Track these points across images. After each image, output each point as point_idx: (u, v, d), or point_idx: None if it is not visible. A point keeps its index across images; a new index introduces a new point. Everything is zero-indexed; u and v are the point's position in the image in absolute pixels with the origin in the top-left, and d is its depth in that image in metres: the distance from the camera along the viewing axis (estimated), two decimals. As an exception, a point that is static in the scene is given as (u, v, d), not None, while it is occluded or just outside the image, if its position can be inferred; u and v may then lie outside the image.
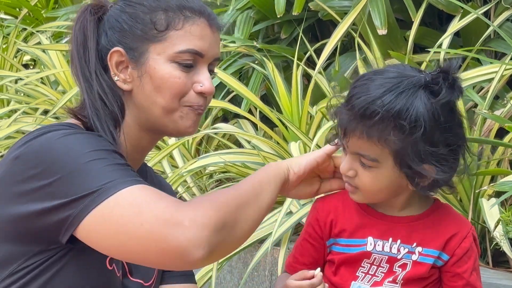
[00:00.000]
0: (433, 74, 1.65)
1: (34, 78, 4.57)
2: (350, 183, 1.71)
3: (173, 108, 1.66)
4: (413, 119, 1.61)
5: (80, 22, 1.70)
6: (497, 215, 2.70)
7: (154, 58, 1.65)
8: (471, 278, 1.73)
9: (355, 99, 1.64)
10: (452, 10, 3.53)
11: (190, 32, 1.66)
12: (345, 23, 3.50)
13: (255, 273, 3.31)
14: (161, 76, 1.65)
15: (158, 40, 1.65)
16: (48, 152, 1.53)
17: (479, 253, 1.76)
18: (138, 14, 1.67)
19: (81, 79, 1.68)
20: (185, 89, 1.66)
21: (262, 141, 3.56)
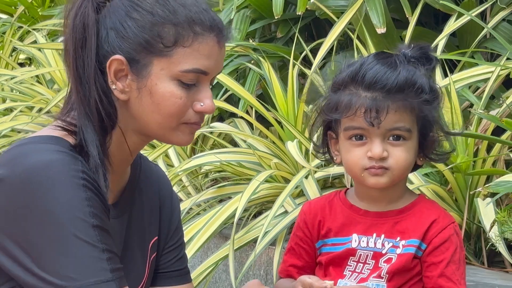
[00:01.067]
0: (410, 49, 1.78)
1: (29, 76, 4.57)
2: (383, 165, 1.72)
3: (170, 127, 1.60)
4: (430, 86, 1.75)
5: (80, 14, 1.58)
6: (493, 215, 2.70)
7: (157, 73, 1.57)
8: (446, 270, 1.72)
9: (382, 77, 1.71)
10: (448, 9, 3.53)
11: (198, 50, 1.57)
12: (341, 23, 3.50)
13: (250, 273, 3.31)
14: (162, 94, 1.57)
15: (163, 54, 1.56)
16: (33, 196, 1.49)
17: (462, 249, 1.76)
18: (145, 23, 1.56)
19: (75, 82, 1.59)
20: (185, 109, 1.59)
21: (258, 141, 3.55)
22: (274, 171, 3.31)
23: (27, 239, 1.50)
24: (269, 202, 3.35)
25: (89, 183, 1.53)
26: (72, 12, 1.59)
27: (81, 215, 1.50)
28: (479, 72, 3.19)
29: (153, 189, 1.77)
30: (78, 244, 1.49)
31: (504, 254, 2.67)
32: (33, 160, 1.51)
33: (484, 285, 2.61)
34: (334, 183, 3.30)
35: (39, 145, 1.55)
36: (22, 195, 1.50)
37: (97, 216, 1.52)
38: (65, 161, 1.52)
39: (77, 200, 1.50)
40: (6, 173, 1.52)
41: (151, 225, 1.76)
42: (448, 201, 2.97)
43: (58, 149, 1.54)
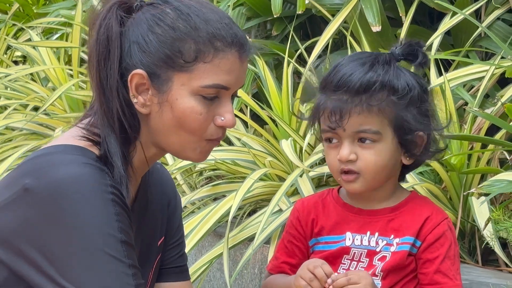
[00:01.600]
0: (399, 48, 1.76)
1: (23, 74, 4.56)
2: (351, 169, 1.71)
3: (190, 142, 1.60)
4: (404, 85, 1.71)
5: (105, 26, 1.58)
6: (487, 214, 2.70)
7: (178, 88, 1.57)
8: (442, 266, 1.72)
9: (347, 78, 1.69)
10: (443, 8, 3.53)
11: (218, 66, 1.57)
12: (336, 21, 3.50)
13: (245, 271, 3.31)
14: (183, 110, 1.57)
15: (184, 70, 1.57)
16: (63, 210, 1.49)
17: (456, 244, 1.76)
18: (167, 38, 1.56)
19: (99, 93, 1.59)
20: (206, 124, 1.59)
21: (252, 139, 3.55)
22: (268, 169, 3.31)
23: (54, 251, 1.49)
24: (264, 200, 3.35)
25: (117, 197, 1.53)
26: (96, 23, 1.60)
27: (110, 230, 1.50)
28: (474, 71, 3.19)
29: (160, 188, 1.78)
30: (106, 259, 1.49)
31: (499, 253, 2.68)
32: (61, 172, 1.50)
33: (478, 283, 2.61)
34: (328, 181, 3.30)
35: (66, 156, 1.54)
36: (51, 207, 1.49)
37: (125, 231, 1.52)
38: (93, 175, 1.51)
39: (106, 215, 1.50)
40: (33, 184, 1.51)
41: (161, 226, 1.77)
42: (442, 199, 2.98)
43: (85, 161, 1.53)
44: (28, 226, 1.51)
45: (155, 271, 1.78)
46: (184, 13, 1.58)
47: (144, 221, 1.71)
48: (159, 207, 1.77)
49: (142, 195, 1.71)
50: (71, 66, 4.57)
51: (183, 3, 1.60)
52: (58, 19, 4.99)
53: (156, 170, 1.79)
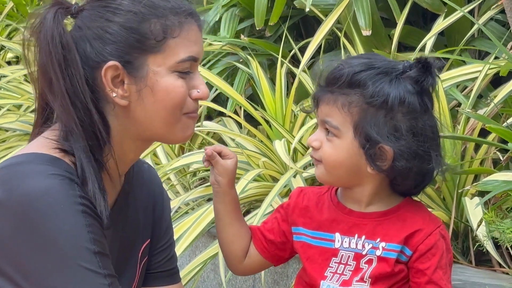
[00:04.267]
0: (409, 62, 1.71)
1: (17, 75, 4.55)
2: (314, 156, 1.74)
3: (174, 120, 1.58)
4: (377, 92, 1.67)
5: (54, 34, 1.53)
6: (480, 214, 2.71)
7: (155, 70, 1.55)
8: (434, 276, 1.72)
9: (331, 70, 1.72)
10: (437, 9, 3.53)
11: (187, 38, 1.57)
12: (329, 21, 3.50)
13: (239, 272, 3.31)
14: (165, 88, 1.55)
15: (156, 50, 1.55)
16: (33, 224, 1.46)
17: (449, 251, 1.76)
18: (131, 23, 1.54)
19: (65, 103, 1.53)
20: (185, 98, 1.59)
21: (246, 140, 3.55)
22: (262, 170, 3.31)
23: (28, 266, 1.48)
24: (258, 201, 3.35)
25: (87, 208, 1.51)
26: (41, 35, 1.55)
27: (82, 243, 1.48)
28: (467, 72, 3.19)
29: (146, 191, 1.76)
30: (81, 272, 1.47)
31: (492, 253, 2.68)
32: (31, 185, 1.48)
33: (472, 284, 2.61)
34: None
35: (35, 167, 1.51)
36: (22, 221, 1.47)
37: (98, 242, 1.50)
38: (62, 187, 1.49)
39: (78, 227, 1.49)
40: (3, 196, 1.49)
41: (145, 229, 1.76)
42: (436, 200, 2.98)
43: (55, 172, 1.50)
44: (1, 239, 1.49)
45: (140, 275, 1.76)
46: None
47: (126, 222, 1.70)
48: (143, 209, 1.75)
49: (124, 196, 1.69)
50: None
51: None
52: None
53: (142, 171, 1.77)
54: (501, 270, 2.82)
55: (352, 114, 1.69)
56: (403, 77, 1.69)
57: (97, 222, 1.52)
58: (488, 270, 2.85)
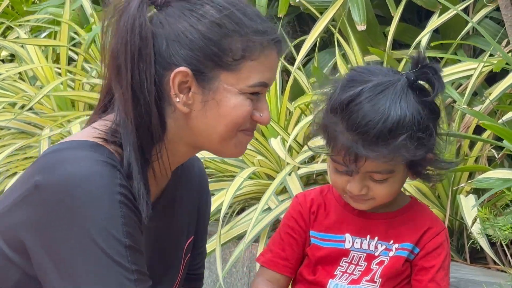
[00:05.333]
0: (414, 72, 1.68)
1: (12, 73, 4.54)
2: (363, 198, 1.70)
3: (230, 136, 1.56)
4: (420, 122, 1.65)
5: (133, 17, 1.49)
6: (475, 212, 2.71)
7: (225, 86, 1.52)
8: (437, 275, 1.73)
9: (366, 122, 1.63)
10: (431, 6, 3.53)
11: (264, 63, 1.54)
12: (324, 19, 3.49)
13: (234, 270, 3.31)
14: (231, 106, 1.52)
15: (231, 68, 1.52)
16: (69, 209, 1.45)
17: (450, 255, 1.77)
18: (213, 35, 1.51)
19: (128, 97, 1.51)
20: (249, 117, 1.56)
21: (241, 137, 3.54)
22: (257, 168, 3.31)
23: (57, 250, 1.47)
24: (253, 199, 3.34)
25: (126, 198, 1.49)
26: (121, 20, 1.51)
27: (115, 233, 1.46)
28: (462, 69, 3.19)
29: (195, 186, 1.74)
30: (108, 263, 1.46)
31: (487, 250, 2.68)
32: (71, 170, 1.47)
33: (467, 281, 2.62)
34: (317, 179, 3.30)
35: (77, 152, 1.50)
36: (59, 206, 1.46)
37: (131, 235, 1.48)
38: (104, 174, 1.47)
39: (112, 218, 1.47)
40: (42, 181, 1.48)
41: (190, 225, 1.74)
42: (430, 197, 2.98)
43: (97, 158, 1.49)
44: (37, 224, 1.48)
45: (184, 270, 1.73)
46: (225, 8, 1.52)
47: (172, 218, 1.67)
48: (191, 205, 1.73)
49: (171, 192, 1.66)
50: (59, 65, 4.56)
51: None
52: (46, 16, 4.96)
53: (193, 166, 1.74)
54: (496, 267, 2.82)
55: (402, 156, 1.66)
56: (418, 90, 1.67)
57: (133, 215, 1.50)
58: (483, 268, 2.86)
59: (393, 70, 1.72)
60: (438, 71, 1.69)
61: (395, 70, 1.72)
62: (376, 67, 1.74)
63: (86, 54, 4.64)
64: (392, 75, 1.68)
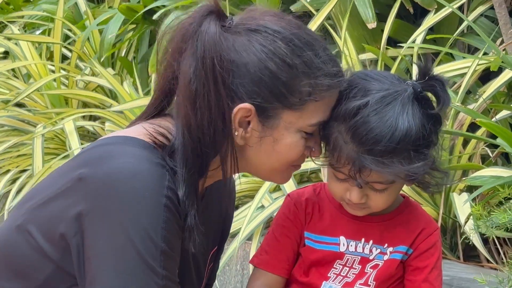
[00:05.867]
0: (421, 83, 1.64)
1: (5, 69, 4.53)
2: (360, 206, 1.68)
3: (281, 170, 1.56)
4: (425, 135, 1.62)
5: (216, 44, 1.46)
6: (468, 210, 2.71)
7: (285, 125, 1.50)
8: (430, 275, 1.72)
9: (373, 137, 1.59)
10: (427, 4, 3.52)
11: (327, 104, 1.53)
12: (320, 16, 3.49)
13: (227, 268, 3.30)
14: (288, 145, 1.51)
15: (295, 108, 1.49)
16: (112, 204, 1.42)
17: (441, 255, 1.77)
18: (282, 75, 1.47)
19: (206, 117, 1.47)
20: (301, 155, 1.55)
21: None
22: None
23: (94, 243, 1.44)
24: (246, 196, 3.34)
25: (171, 202, 1.46)
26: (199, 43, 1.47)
27: (153, 236, 1.43)
28: (456, 67, 3.19)
29: (225, 195, 1.72)
30: (140, 265, 1.43)
31: (480, 248, 2.68)
32: (119, 165, 1.44)
33: (460, 279, 2.61)
34: (311, 177, 3.29)
35: (127, 148, 1.47)
36: (102, 199, 1.43)
37: (168, 241, 1.45)
38: (153, 173, 1.44)
39: (154, 220, 1.43)
40: (88, 173, 1.45)
41: (216, 235, 1.73)
42: (424, 195, 2.98)
43: (147, 157, 1.46)
44: (79, 216, 1.44)
45: (205, 281, 1.72)
46: (297, 47, 1.48)
47: (204, 227, 1.61)
48: (218, 215, 1.71)
49: (205, 202, 1.64)
50: (53, 62, 4.55)
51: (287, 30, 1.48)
52: (39, 13, 4.95)
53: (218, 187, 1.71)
54: (489, 265, 2.82)
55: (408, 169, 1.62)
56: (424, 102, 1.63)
57: (175, 220, 1.46)
58: (476, 266, 2.86)
59: (397, 78, 1.67)
60: (445, 84, 1.65)
61: (399, 78, 1.68)
62: (379, 72, 1.70)
63: (80, 52, 4.63)
64: (397, 85, 1.64)
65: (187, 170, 1.48)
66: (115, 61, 4.73)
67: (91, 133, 4.46)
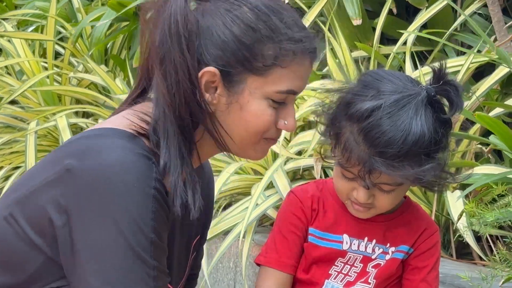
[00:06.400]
0: (435, 87, 1.63)
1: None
2: (365, 206, 1.68)
3: (252, 142, 1.55)
4: (437, 140, 1.61)
5: (182, 13, 1.48)
6: (461, 207, 2.71)
7: (251, 90, 1.50)
8: (429, 276, 1.73)
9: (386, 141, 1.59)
10: (417, 3, 3.52)
11: (294, 71, 1.51)
12: (312, 13, 3.49)
13: (220, 265, 3.30)
14: (253, 112, 1.51)
15: (260, 73, 1.50)
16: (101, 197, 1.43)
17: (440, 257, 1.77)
18: (246, 39, 1.48)
19: (166, 84, 1.49)
20: (271, 126, 1.54)
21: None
22: (244, 163, 3.30)
23: (83, 235, 1.44)
24: (239, 194, 3.34)
25: (159, 193, 1.46)
26: (166, 13, 1.49)
27: (143, 227, 1.44)
28: (449, 65, 3.18)
29: (205, 186, 1.71)
30: (132, 257, 1.44)
31: (472, 245, 2.68)
32: (109, 157, 1.44)
33: (452, 277, 2.62)
34: (304, 175, 3.29)
35: (114, 140, 1.48)
36: (91, 192, 1.44)
37: (157, 232, 1.46)
38: (141, 165, 1.45)
39: (144, 212, 1.44)
40: (76, 165, 1.45)
41: (199, 224, 1.72)
42: (417, 193, 2.98)
43: (134, 149, 1.46)
44: (67, 206, 1.45)
45: (189, 269, 1.72)
46: (262, 13, 1.50)
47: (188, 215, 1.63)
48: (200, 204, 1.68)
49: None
50: (46, 59, 4.54)
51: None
52: (32, 11, 4.94)
53: (206, 166, 1.72)
54: (482, 263, 2.82)
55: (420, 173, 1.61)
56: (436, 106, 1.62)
57: (163, 211, 1.48)
58: (469, 263, 2.86)
59: (410, 80, 1.66)
60: (459, 89, 1.65)
61: (412, 80, 1.67)
62: (391, 72, 1.69)
63: (73, 49, 4.62)
64: (411, 87, 1.63)
65: (169, 141, 1.49)
66: (108, 58, 4.73)
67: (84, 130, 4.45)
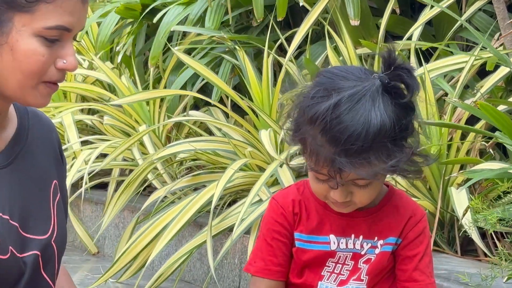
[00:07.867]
0: (388, 74, 1.62)
1: None
2: (345, 204, 1.68)
3: (30, 85, 1.54)
4: (401, 125, 1.61)
5: None
6: (466, 204, 2.71)
7: (19, 29, 1.50)
8: (420, 263, 1.72)
9: (348, 136, 1.58)
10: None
11: (61, 7, 1.52)
12: (316, 11, 3.49)
13: (225, 261, 3.31)
14: (24, 52, 1.51)
15: (25, 10, 1.50)
16: None
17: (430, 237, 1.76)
18: None
19: None
20: (47, 66, 1.54)
21: (232, 129, 3.55)
22: (248, 159, 3.31)
23: None
24: (244, 190, 3.34)
25: None
26: None
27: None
28: (454, 62, 3.19)
29: (46, 134, 1.72)
30: None
31: (477, 242, 2.69)
32: None
33: (457, 273, 2.62)
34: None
35: None
36: None
37: None
38: None
39: None
40: None
41: (50, 169, 1.72)
42: (422, 190, 2.98)
43: None
44: None
45: (57, 214, 1.71)
46: None
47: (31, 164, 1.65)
48: (47, 150, 1.71)
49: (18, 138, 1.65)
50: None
51: None
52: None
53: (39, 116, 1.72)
54: (486, 259, 2.82)
55: (389, 162, 1.61)
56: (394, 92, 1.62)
57: None
58: (474, 260, 2.86)
59: (364, 71, 1.65)
60: (411, 71, 1.63)
61: (366, 71, 1.65)
62: (344, 68, 1.67)
63: (78, 46, 4.62)
64: (364, 79, 1.62)
65: None
66: (114, 55, 4.73)
67: (90, 127, 4.46)
